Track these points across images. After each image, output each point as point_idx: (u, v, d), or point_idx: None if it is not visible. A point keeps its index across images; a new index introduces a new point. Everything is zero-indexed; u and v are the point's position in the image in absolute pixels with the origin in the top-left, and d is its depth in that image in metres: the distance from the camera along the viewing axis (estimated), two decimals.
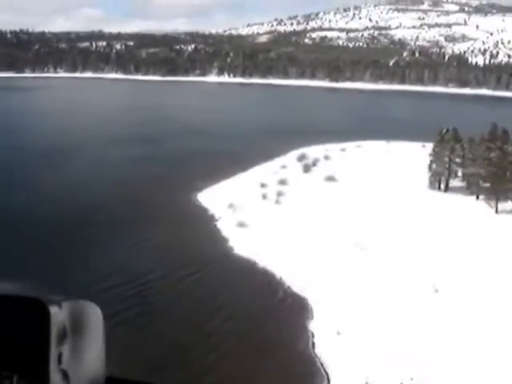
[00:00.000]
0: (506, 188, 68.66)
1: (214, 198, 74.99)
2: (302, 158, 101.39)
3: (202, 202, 74.92)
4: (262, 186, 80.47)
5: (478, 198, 74.86)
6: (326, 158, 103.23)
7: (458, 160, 78.63)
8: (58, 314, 1.06)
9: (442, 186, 79.74)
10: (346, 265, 51.79)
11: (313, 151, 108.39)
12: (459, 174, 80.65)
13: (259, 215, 67.08)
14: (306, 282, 47.76)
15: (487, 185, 73.37)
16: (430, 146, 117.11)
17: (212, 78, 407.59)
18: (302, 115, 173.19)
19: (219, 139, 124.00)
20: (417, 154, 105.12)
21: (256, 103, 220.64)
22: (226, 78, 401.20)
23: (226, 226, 64.00)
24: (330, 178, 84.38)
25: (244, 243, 58.10)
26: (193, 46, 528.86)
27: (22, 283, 1.05)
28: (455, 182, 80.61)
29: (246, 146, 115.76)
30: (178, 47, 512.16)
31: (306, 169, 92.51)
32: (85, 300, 1.20)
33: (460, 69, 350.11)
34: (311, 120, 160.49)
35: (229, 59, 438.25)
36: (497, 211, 69.04)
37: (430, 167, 79.07)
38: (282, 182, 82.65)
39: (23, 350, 1.01)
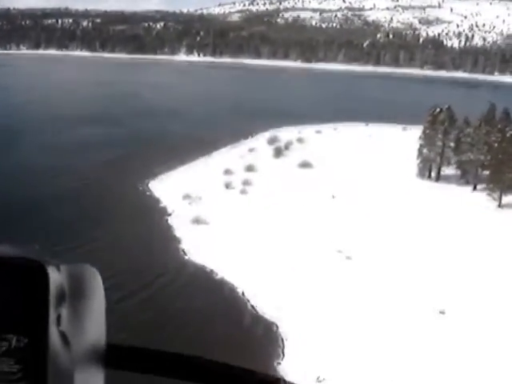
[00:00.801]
0: None
1: (168, 187, 63.30)
2: (272, 140, 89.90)
3: (153, 192, 63.16)
4: (226, 172, 69.10)
5: (475, 188, 64.63)
6: (300, 141, 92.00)
7: (452, 144, 67.95)
8: (57, 276, 1.07)
9: (433, 175, 69.22)
10: (327, 277, 40.73)
11: (285, 133, 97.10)
12: (452, 160, 69.87)
13: (220, 209, 55.67)
14: (277, 304, 36.57)
15: (486, 173, 63.15)
16: (412, 129, 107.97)
17: (181, 56, 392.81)
18: (274, 96, 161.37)
19: (182, 120, 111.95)
20: (400, 138, 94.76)
21: (225, 83, 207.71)
22: (195, 57, 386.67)
23: (179, 223, 52.39)
24: (305, 164, 73.28)
25: (200, 246, 46.62)
26: (162, 24, 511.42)
27: (22, 246, 1.06)
28: (448, 170, 70.15)
29: (211, 127, 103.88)
30: (146, 25, 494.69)
31: (278, 153, 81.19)
32: (84, 264, 1.22)
33: (436, 51, 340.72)
34: (284, 101, 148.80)
35: (199, 38, 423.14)
36: (500, 205, 58.68)
37: (419, 152, 68.51)
38: (250, 169, 71.37)
39: (21, 310, 1.03)
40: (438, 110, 68.12)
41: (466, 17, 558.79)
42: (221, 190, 62.43)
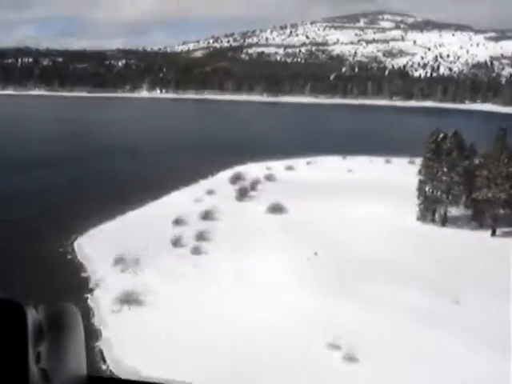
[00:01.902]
0: None
1: (97, 247, 47.80)
2: (236, 179, 75.30)
3: (76, 255, 47.56)
4: (176, 223, 53.92)
5: (494, 233, 50.70)
6: (269, 178, 77.65)
7: (457, 179, 53.96)
8: (35, 316, 1.05)
9: (437, 217, 55.09)
10: None
11: (251, 170, 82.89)
12: (461, 199, 55.83)
13: (164, 281, 40.18)
14: None
15: (502, 212, 49.36)
16: (396, 161, 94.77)
17: (143, 93, 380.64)
18: (239, 130, 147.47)
19: (134, 159, 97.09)
20: (386, 172, 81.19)
21: (186, 118, 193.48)
22: (157, 93, 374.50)
23: (102, 305, 36.78)
24: (276, 209, 58.50)
25: (129, 346, 31.06)
26: (124, 62, 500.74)
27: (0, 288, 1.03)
28: (454, 211, 56.24)
29: (166, 166, 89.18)
30: (107, 63, 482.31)
31: (242, 194, 66.43)
32: (63, 302, 1.21)
33: (403, 82, 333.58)
34: (249, 135, 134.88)
35: (161, 74, 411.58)
36: None
37: (420, 190, 54.49)
38: (207, 216, 56.43)
39: (1, 350, 1.00)
40: (441, 135, 54.47)
41: (429, 48, 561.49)
42: (166, 248, 47.08)
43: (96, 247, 47.92)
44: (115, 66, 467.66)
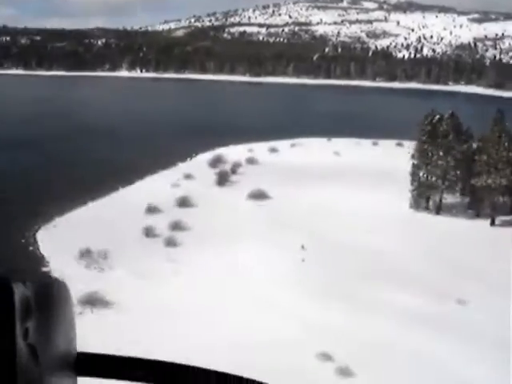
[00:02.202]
0: None
1: (62, 238, 43.27)
2: (216, 162, 70.91)
3: (39, 247, 43.02)
4: (150, 211, 49.54)
5: (493, 222, 47.06)
6: (251, 161, 73.34)
7: (453, 164, 50.07)
8: (23, 291, 1.07)
9: (431, 204, 51.28)
10: None
11: (232, 153, 78.53)
12: (458, 186, 51.95)
13: (133, 278, 35.88)
14: None
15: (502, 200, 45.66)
16: (383, 143, 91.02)
17: (122, 72, 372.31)
18: (220, 110, 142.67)
19: (109, 140, 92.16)
20: (374, 155, 77.32)
21: (166, 98, 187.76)
22: (137, 73, 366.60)
23: None
24: (258, 195, 54.27)
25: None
26: (103, 41, 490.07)
27: None
28: (450, 198, 52.45)
29: (143, 147, 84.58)
30: (87, 41, 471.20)
31: (222, 179, 62.06)
32: (52, 277, 1.22)
33: (387, 63, 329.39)
34: (230, 116, 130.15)
35: (141, 54, 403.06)
36: None
37: (413, 176, 50.56)
38: (183, 203, 52.11)
39: None
40: (437, 117, 50.44)
41: (413, 29, 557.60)
42: (137, 239, 42.74)
43: (61, 238, 43.46)
44: (94, 45, 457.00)
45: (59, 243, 42.29)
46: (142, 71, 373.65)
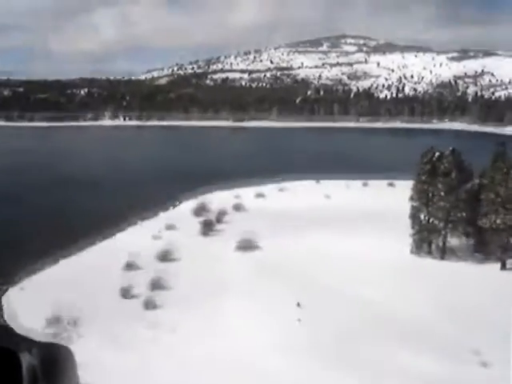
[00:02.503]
0: None
1: (31, 300, 38.72)
2: (200, 210, 66.83)
3: (4, 311, 38.39)
4: (128, 267, 45.12)
5: (504, 266, 43.16)
6: (238, 208, 69.41)
7: (456, 204, 46.33)
8: (29, 360, 1.07)
9: (433, 248, 47.33)
10: None
11: (217, 199, 74.59)
12: (460, 227, 48.01)
13: (106, 349, 31.22)
14: None
15: None
16: (373, 184, 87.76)
17: (105, 121, 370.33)
18: (204, 157, 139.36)
19: (90, 190, 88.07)
20: (366, 197, 73.70)
21: (149, 146, 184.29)
22: (120, 122, 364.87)
23: None
24: (247, 246, 50.07)
25: None
26: (86, 90, 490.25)
27: None
28: (453, 241, 48.53)
29: (124, 197, 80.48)
30: (69, 92, 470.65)
31: (207, 228, 57.90)
32: (57, 343, 1.22)
33: (370, 103, 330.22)
34: (215, 162, 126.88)
35: (124, 102, 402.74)
36: None
37: (413, 219, 46.72)
38: (165, 257, 47.79)
39: None
40: (436, 154, 46.96)
41: (393, 70, 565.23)
42: (113, 301, 38.22)
43: (28, 302, 38.84)
44: (77, 95, 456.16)
45: (25, 309, 37.67)
46: (125, 119, 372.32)
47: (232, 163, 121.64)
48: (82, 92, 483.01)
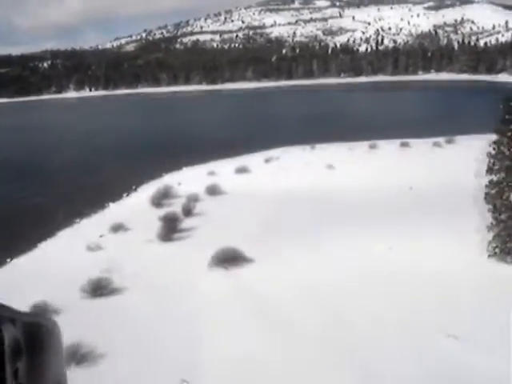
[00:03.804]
0: None
1: None
2: (162, 197, 48.66)
3: None
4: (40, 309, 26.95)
5: None
6: (213, 191, 51.11)
7: None
8: (12, 331, 1.05)
9: None
10: None
11: (186, 179, 56.71)
12: None
13: None
14: None
15: None
16: (383, 145, 70.32)
17: (70, 93, 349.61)
18: (173, 126, 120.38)
19: (26, 174, 69.57)
20: (381, 164, 56.16)
21: (110, 117, 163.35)
22: (86, 92, 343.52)
23: None
24: (229, 259, 31.93)
25: None
26: (49, 62, 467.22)
27: None
28: None
29: (65, 183, 62.39)
30: (32, 65, 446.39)
31: (169, 227, 39.57)
32: (42, 314, 1.19)
33: (351, 58, 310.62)
34: (186, 130, 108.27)
35: (90, 72, 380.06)
36: None
37: (493, 203, 29.20)
38: (100, 289, 29.69)
39: None
40: None
41: (369, 23, 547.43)
42: None
43: None
44: (40, 68, 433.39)
45: None
46: (90, 90, 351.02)
47: (205, 131, 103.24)
48: (46, 65, 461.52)
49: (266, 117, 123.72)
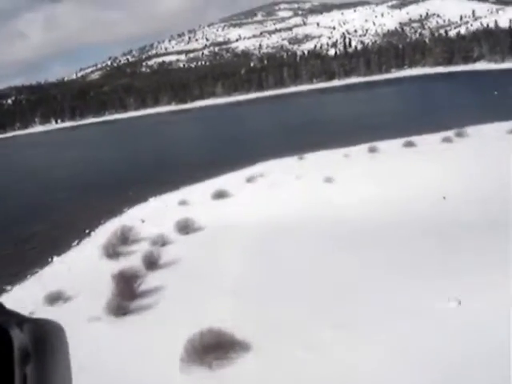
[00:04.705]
0: None
1: None
2: (118, 243, 36.97)
3: None
4: None
5: None
6: (185, 227, 39.41)
7: None
8: (20, 337, 1.05)
9: None
10: None
11: (153, 212, 45.33)
12: None
13: None
14: None
15: None
16: (383, 147, 59.38)
17: (36, 128, 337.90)
18: (140, 151, 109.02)
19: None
20: (389, 172, 45.21)
21: (75, 148, 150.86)
22: (52, 125, 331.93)
23: None
24: (213, 346, 20.48)
25: None
26: (13, 98, 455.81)
27: None
28: None
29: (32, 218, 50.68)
30: None
31: (125, 293, 27.76)
32: (48, 319, 1.23)
33: (321, 62, 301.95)
34: (154, 154, 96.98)
35: (55, 104, 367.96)
36: None
37: None
38: None
39: None
40: None
41: (334, 28, 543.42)
42: None
43: None
44: (3, 106, 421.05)
45: None
46: (57, 122, 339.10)
47: (175, 154, 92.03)
48: (10, 101, 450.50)
49: (239, 131, 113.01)
